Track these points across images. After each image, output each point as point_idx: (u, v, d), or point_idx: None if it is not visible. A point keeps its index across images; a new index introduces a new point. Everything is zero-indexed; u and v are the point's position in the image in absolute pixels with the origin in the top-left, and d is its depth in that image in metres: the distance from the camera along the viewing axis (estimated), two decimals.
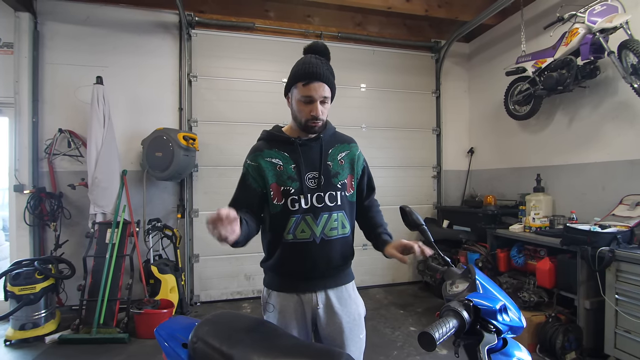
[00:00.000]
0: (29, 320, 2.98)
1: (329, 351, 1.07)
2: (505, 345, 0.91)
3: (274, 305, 1.36)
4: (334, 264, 1.37)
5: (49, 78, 3.56)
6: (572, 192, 3.33)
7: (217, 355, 1.02)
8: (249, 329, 1.15)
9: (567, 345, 2.54)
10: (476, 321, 0.79)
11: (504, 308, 0.81)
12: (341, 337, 1.35)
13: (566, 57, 2.97)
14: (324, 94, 1.29)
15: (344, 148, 1.45)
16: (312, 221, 1.32)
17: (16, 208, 3.41)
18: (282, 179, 1.33)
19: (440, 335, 0.73)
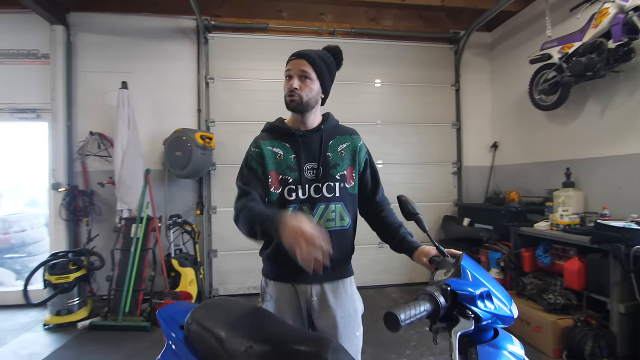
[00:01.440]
0: (64, 307, 3.24)
1: (317, 337, 1.07)
2: (496, 336, 0.85)
3: (271, 295, 1.37)
4: (330, 256, 1.35)
5: (81, 85, 3.85)
6: (605, 187, 3.07)
7: (208, 335, 1.05)
8: (243, 314, 1.18)
9: (597, 351, 2.34)
10: (455, 307, 0.75)
11: (487, 295, 0.76)
12: (335, 332, 1.33)
13: (596, 40, 2.74)
14: (301, 67, 1.32)
15: (345, 140, 1.43)
16: (308, 211, 1.32)
17: (54, 205, 3.71)
18: (281, 167, 1.34)
19: (407, 317, 0.70)
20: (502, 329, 0.84)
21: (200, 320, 1.10)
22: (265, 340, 1.00)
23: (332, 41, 4.50)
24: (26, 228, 4.27)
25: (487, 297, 0.76)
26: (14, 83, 3.76)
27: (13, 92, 3.76)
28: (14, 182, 4.26)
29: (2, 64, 3.76)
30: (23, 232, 4.23)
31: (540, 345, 2.63)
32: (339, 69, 1.46)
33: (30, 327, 3.27)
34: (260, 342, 1.00)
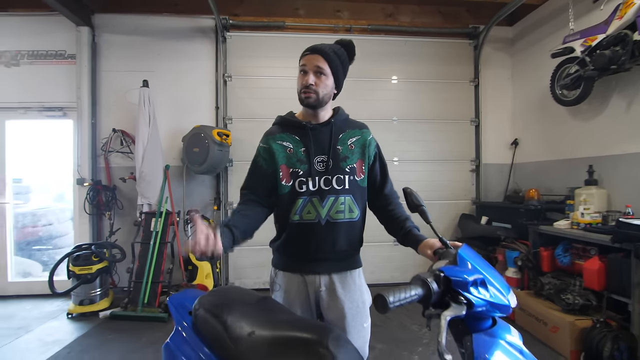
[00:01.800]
0: (87, 297, 3.39)
1: (319, 325, 1.09)
2: (494, 326, 0.85)
3: (280, 285, 1.40)
4: (338, 247, 1.36)
5: (104, 84, 4.01)
6: (631, 184, 2.94)
7: (214, 320, 1.09)
8: (249, 302, 1.21)
9: (616, 354, 2.26)
10: (447, 293, 0.76)
11: (481, 282, 0.76)
12: (343, 323, 1.34)
13: (620, 32, 2.64)
14: (317, 63, 1.32)
15: (355, 133, 1.44)
16: (318, 203, 1.34)
17: (78, 199, 3.88)
18: (291, 161, 1.36)
19: (396, 300, 0.71)
20: (501, 319, 0.84)
21: (206, 306, 1.15)
22: (267, 327, 1.03)
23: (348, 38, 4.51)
24: (53, 222, 4.48)
25: (481, 284, 0.76)
26: (43, 82, 3.95)
27: (41, 91, 3.95)
28: (42, 178, 4.47)
29: (32, 65, 3.96)
30: (50, 226, 4.45)
31: (557, 347, 2.56)
32: (351, 63, 1.45)
33: (55, 315, 3.44)
34: (263, 328, 1.02)
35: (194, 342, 1.09)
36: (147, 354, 2.60)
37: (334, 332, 1.01)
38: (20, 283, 4.04)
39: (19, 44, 3.93)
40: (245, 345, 1.00)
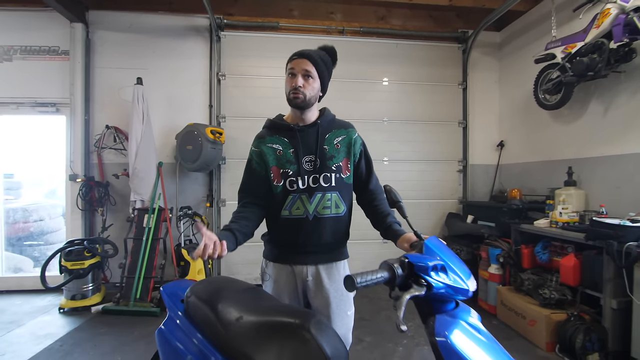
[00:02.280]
0: (79, 291, 3.42)
1: (301, 311, 1.18)
2: (457, 308, 0.94)
3: (270, 275, 1.50)
4: (324, 241, 1.45)
5: (98, 80, 4.03)
6: (606, 186, 3.09)
7: (204, 306, 1.17)
8: (238, 290, 1.30)
9: (588, 345, 2.39)
10: (411, 276, 0.85)
11: (441, 267, 0.85)
12: (328, 311, 1.44)
13: (597, 40, 2.77)
14: (305, 67, 1.40)
15: (340, 133, 1.52)
16: (306, 200, 1.43)
17: (71, 195, 3.90)
18: (281, 162, 1.45)
19: (363, 280, 0.81)
20: (463, 302, 0.93)
21: (198, 294, 1.22)
22: (255, 312, 1.12)
23: (341, 40, 4.60)
24: (44, 217, 4.49)
25: (441, 269, 0.85)
26: (35, 78, 3.95)
27: (34, 86, 3.95)
28: (33, 173, 4.47)
29: (25, 60, 3.96)
30: (42, 222, 4.46)
31: (534, 339, 2.69)
32: (334, 67, 1.54)
33: (47, 310, 3.46)
34: (251, 314, 1.11)
35: (187, 328, 1.17)
36: (139, 346, 2.66)
37: (316, 317, 1.09)
38: (11, 278, 4.05)
39: (11, 39, 3.93)
40: (234, 329, 1.08)
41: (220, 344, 1.08)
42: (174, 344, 1.14)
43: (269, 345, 1.04)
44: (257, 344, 1.04)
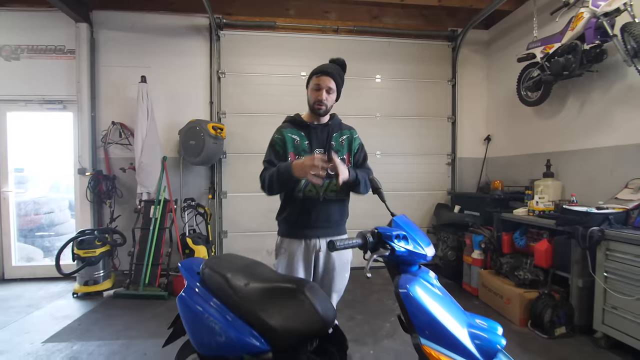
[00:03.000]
0: (91, 278, 3.66)
1: (298, 279, 1.43)
2: (419, 270, 1.18)
3: (285, 249, 1.80)
4: (332, 218, 1.81)
5: (103, 78, 4.21)
6: (581, 177, 3.34)
7: (217, 276, 1.41)
8: (244, 263, 1.55)
9: (556, 320, 2.66)
10: (379, 243, 1.10)
11: (403, 237, 1.10)
12: (333, 273, 1.81)
13: (572, 42, 2.99)
14: (329, 85, 1.75)
15: (345, 133, 1.90)
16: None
17: (80, 188, 4.12)
18: (297, 150, 1.79)
19: (341, 244, 1.07)
20: (424, 266, 1.18)
21: (212, 266, 1.47)
22: (259, 280, 1.38)
23: (335, 38, 4.77)
24: (54, 210, 4.70)
25: (402, 238, 1.09)
26: (43, 76, 4.13)
27: (42, 84, 4.13)
28: (42, 168, 4.66)
29: (32, 59, 4.13)
30: (52, 214, 4.67)
31: (509, 315, 2.97)
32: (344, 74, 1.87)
33: (61, 295, 3.71)
34: (255, 281, 1.36)
35: (203, 294, 1.41)
36: (149, 325, 2.91)
37: (309, 283, 1.34)
38: (24, 267, 4.28)
39: (19, 39, 4.09)
40: (243, 293, 1.33)
41: (232, 305, 1.32)
42: (194, 308, 1.38)
43: (272, 305, 1.29)
44: (262, 304, 1.29)
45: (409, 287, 1.03)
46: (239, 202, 4.41)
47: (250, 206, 4.36)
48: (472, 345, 0.98)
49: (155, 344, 2.54)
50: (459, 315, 1.06)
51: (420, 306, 1.00)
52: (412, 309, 1.01)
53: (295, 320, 1.27)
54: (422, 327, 0.99)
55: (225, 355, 1.32)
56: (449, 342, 0.97)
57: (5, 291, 3.82)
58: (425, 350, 0.97)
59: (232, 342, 1.28)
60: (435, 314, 1.00)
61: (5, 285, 4.03)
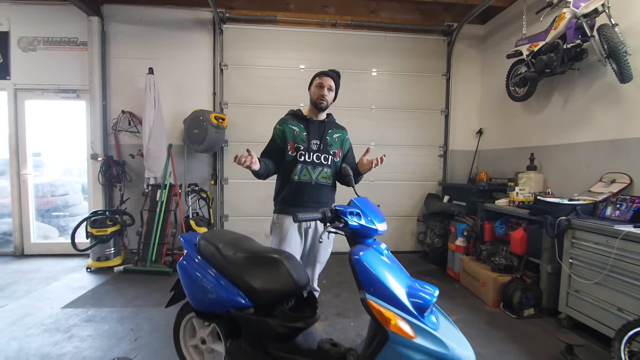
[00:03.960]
0: (103, 254, 3.99)
1: (278, 250, 1.69)
2: (374, 242, 1.42)
3: (280, 224, 2.09)
4: (321, 200, 2.11)
5: (114, 69, 4.46)
6: (561, 170, 3.52)
7: (211, 246, 1.68)
8: (233, 237, 1.81)
9: (525, 301, 2.89)
10: (336, 218, 1.34)
11: (357, 214, 1.34)
12: (318, 246, 2.13)
13: (555, 40, 3.13)
14: (330, 83, 2.11)
15: (338, 131, 2.22)
16: (311, 170, 2.08)
17: (92, 172, 4.42)
18: (296, 139, 2.09)
19: (304, 217, 1.31)
20: (377, 240, 1.42)
21: (206, 238, 1.74)
22: (244, 250, 1.64)
23: (333, 32, 4.93)
24: (68, 192, 5.04)
25: (356, 215, 1.33)
26: (58, 67, 4.40)
27: (56, 74, 4.40)
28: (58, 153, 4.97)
29: (48, 50, 4.40)
30: (66, 196, 5.01)
31: (484, 297, 3.21)
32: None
33: (76, 270, 4.05)
34: (242, 251, 1.63)
35: (200, 262, 1.68)
36: (156, 296, 3.23)
37: (287, 254, 1.60)
38: (42, 244, 4.64)
39: (35, 31, 4.35)
40: (231, 260, 1.59)
41: (222, 270, 1.59)
42: (191, 272, 1.65)
43: (255, 270, 1.55)
44: (247, 269, 1.55)
45: (361, 254, 1.27)
46: (239, 188, 4.68)
47: (249, 192, 4.63)
48: (408, 302, 1.22)
49: (160, 312, 2.86)
50: (401, 279, 1.29)
51: (367, 269, 1.25)
52: (361, 271, 1.25)
53: (274, 283, 1.52)
54: (368, 286, 1.24)
55: (216, 310, 1.59)
56: (389, 298, 1.21)
57: (26, 265, 4.18)
58: (370, 303, 1.22)
59: (222, 299, 1.54)
60: (380, 276, 1.24)
61: (26, 260, 4.40)
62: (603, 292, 2.44)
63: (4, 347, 2.34)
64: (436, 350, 1.16)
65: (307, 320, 1.52)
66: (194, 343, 1.94)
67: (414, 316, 1.20)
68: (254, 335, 1.52)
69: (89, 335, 2.51)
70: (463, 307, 3.10)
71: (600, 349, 2.40)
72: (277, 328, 1.45)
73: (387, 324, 1.18)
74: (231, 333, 1.59)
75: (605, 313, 2.41)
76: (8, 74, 4.35)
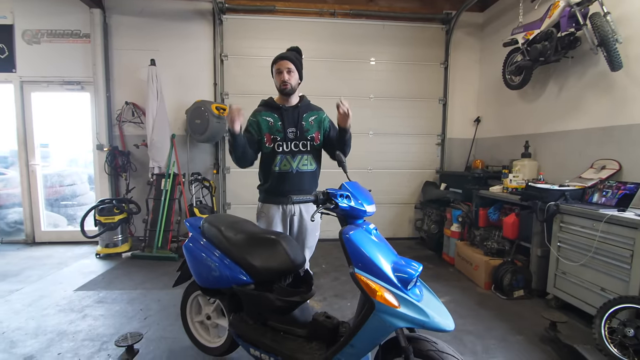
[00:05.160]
0: (111, 241, 4.15)
1: (275, 232, 1.81)
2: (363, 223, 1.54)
3: (265, 213, 2.14)
4: (304, 187, 2.11)
5: (116, 61, 4.55)
6: (554, 158, 3.60)
7: (214, 228, 1.80)
8: (234, 220, 1.93)
9: (515, 283, 3.02)
10: (327, 200, 1.45)
11: (346, 196, 1.45)
12: (305, 233, 2.15)
13: (549, 29, 3.18)
14: (287, 66, 2.04)
15: (314, 114, 2.15)
16: (290, 159, 2.07)
17: (98, 162, 4.55)
18: (272, 130, 2.05)
19: (297, 199, 1.42)
20: (367, 221, 1.52)
21: (209, 221, 1.86)
22: (244, 232, 1.76)
23: (332, 22, 4.96)
24: (75, 182, 5.19)
25: (346, 197, 1.44)
26: (62, 59, 4.48)
27: (61, 66, 4.49)
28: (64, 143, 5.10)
29: (51, 43, 4.48)
30: (74, 186, 5.16)
31: (476, 280, 3.34)
32: (302, 59, 2.15)
33: (86, 256, 4.22)
34: (242, 233, 1.75)
35: (204, 243, 1.81)
36: (162, 279, 3.39)
37: (284, 234, 1.72)
38: (52, 232, 4.81)
39: (39, 24, 4.42)
40: (232, 241, 1.72)
41: (225, 250, 1.72)
42: (196, 252, 1.78)
43: (255, 250, 1.67)
44: (247, 249, 1.68)
45: (350, 233, 1.39)
46: (241, 177, 4.80)
47: (251, 181, 4.68)
48: (393, 275, 1.34)
49: (167, 294, 3.02)
50: (388, 256, 1.41)
51: (356, 246, 1.36)
52: (350, 248, 1.37)
53: (272, 262, 1.65)
54: (356, 261, 1.35)
55: (220, 287, 1.73)
56: (375, 272, 1.33)
57: (38, 252, 4.36)
58: (358, 277, 1.34)
59: (225, 277, 1.68)
60: (367, 252, 1.35)
61: (37, 247, 4.58)
62: (588, 274, 2.55)
63: (24, 325, 2.51)
64: (418, 318, 1.28)
65: (303, 295, 1.65)
66: (199, 319, 2.09)
67: (398, 288, 1.32)
68: (254, 309, 1.66)
69: (101, 314, 2.67)
70: (456, 289, 3.23)
71: (584, 326, 2.54)
72: (275, 302, 1.59)
73: (374, 294, 1.30)
74: (234, 307, 1.73)
75: (589, 293, 2.54)
76: (14, 67, 4.45)
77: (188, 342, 2.17)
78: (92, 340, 2.31)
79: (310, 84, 4.72)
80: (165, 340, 2.30)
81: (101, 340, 2.31)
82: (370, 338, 1.35)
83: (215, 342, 2.06)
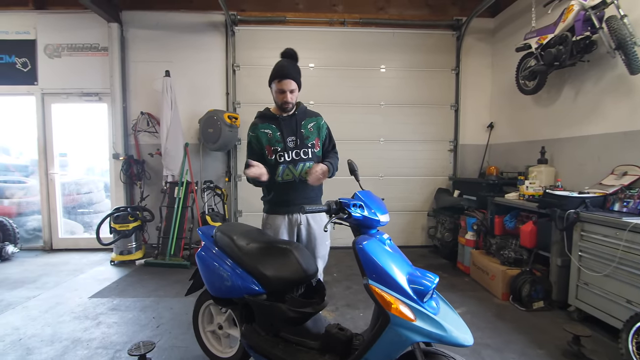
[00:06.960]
0: (125, 248, 4.22)
1: (288, 241, 1.80)
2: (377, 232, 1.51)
3: (271, 224, 2.10)
4: (309, 196, 2.08)
5: (133, 73, 4.67)
6: (572, 163, 3.50)
7: (226, 237, 1.80)
8: (246, 229, 1.93)
9: (534, 294, 2.92)
10: (340, 210, 1.43)
11: (360, 205, 1.42)
12: (315, 242, 2.08)
13: (563, 33, 3.12)
14: (291, 87, 1.98)
15: (312, 120, 2.10)
16: (293, 168, 2.02)
17: (114, 170, 4.66)
18: (271, 142, 2.01)
19: (310, 209, 1.40)
20: (380, 230, 1.50)
21: (222, 230, 1.86)
22: (257, 241, 1.75)
23: (342, 31, 5.00)
24: (92, 190, 5.31)
25: (359, 207, 1.41)
26: (81, 72, 4.64)
27: (80, 79, 4.65)
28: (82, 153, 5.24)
29: (71, 56, 4.64)
30: (90, 194, 5.28)
31: (493, 290, 3.24)
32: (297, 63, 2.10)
33: (101, 263, 4.29)
34: (254, 242, 1.74)
35: (217, 252, 1.81)
36: (175, 287, 3.41)
37: (296, 244, 1.71)
38: (69, 239, 4.92)
39: (60, 38, 4.60)
40: (245, 250, 1.71)
41: (237, 259, 1.71)
42: (209, 261, 1.78)
43: (267, 259, 1.66)
44: (259, 258, 1.67)
45: (364, 243, 1.36)
46: (252, 185, 4.80)
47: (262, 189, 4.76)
48: (409, 287, 1.30)
49: (179, 302, 3.03)
50: (402, 266, 1.38)
51: (370, 257, 1.34)
52: (364, 259, 1.34)
53: (284, 271, 1.63)
54: (370, 272, 1.33)
55: (232, 297, 1.72)
56: (390, 284, 1.30)
57: (55, 259, 4.45)
58: (372, 288, 1.31)
59: (237, 286, 1.67)
60: (381, 263, 1.33)
61: (54, 254, 4.68)
62: (612, 285, 2.45)
63: (40, 332, 2.55)
64: (435, 332, 1.24)
65: (316, 306, 1.63)
66: (211, 329, 2.09)
67: (414, 300, 1.28)
68: (266, 319, 1.64)
69: (115, 322, 2.69)
70: (472, 300, 3.15)
71: (609, 340, 2.42)
72: (287, 313, 1.57)
73: (389, 307, 1.27)
74: (246, 318, 1.72)
75: (614, 305, 2.43)
76: (36, 80, 4.62)
77: (200, 351, 2.16)
78: (105, 348, 2.32)
79: (321, 92, 4.78)
80: (178, 350, 2.30)
81: (114, 348, 2.32)
82: (386, 352, 1.31)
83: (227, 352, 2.05)
